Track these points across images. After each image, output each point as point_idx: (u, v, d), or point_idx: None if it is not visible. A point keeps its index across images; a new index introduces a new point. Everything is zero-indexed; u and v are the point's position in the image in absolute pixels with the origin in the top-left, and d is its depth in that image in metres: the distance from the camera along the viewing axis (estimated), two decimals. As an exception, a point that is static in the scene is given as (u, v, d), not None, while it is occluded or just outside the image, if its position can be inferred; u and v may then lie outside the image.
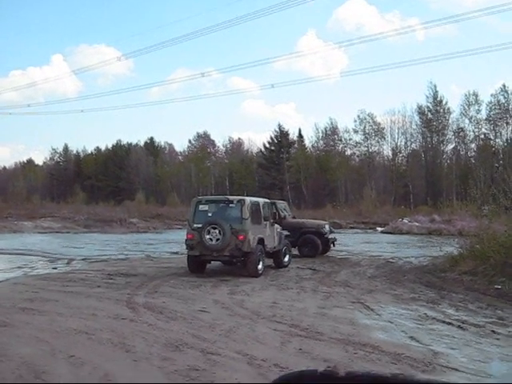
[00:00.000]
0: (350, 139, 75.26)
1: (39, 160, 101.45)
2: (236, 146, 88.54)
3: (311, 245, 20.93)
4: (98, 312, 9.94)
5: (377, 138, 73.71)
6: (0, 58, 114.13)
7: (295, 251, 20.11)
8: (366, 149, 74.72)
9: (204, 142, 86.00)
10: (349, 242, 28.88)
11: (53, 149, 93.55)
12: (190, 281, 14.13)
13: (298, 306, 10.99)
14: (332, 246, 22.34)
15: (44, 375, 6.30)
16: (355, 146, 75.60)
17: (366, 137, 73.82)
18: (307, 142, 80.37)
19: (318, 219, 26.07)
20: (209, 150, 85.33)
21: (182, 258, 17.80)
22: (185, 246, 15.65)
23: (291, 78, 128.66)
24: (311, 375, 1.12)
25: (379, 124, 72.73)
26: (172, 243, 27.31)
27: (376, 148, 74.94)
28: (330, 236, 22.02)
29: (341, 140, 76.69)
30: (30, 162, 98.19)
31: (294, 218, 22.69)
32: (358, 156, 76.91)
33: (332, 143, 77.81)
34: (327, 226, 22.15)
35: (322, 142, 79.28)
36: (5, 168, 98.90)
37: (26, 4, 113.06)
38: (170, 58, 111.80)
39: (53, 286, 13.28)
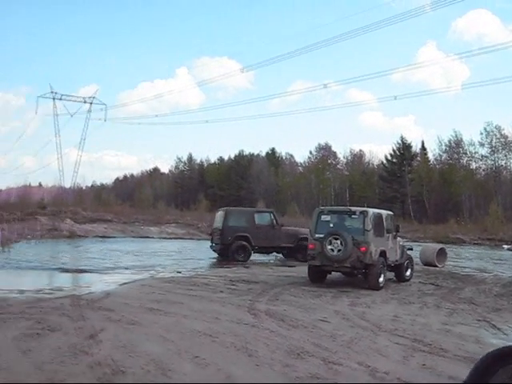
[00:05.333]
0: (476, 152, 72.42)
1: (164, 168, 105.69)
2: (357, 158, 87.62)
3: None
4: (221, 316, 10.19)
5: (504, 152, 70.33)
6: (130, 71, 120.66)
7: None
8: (492, 163, 71.53)
9: (325, 153, 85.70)
10: (473, 259, 27.84)
11: (178, 158, 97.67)
12: (310, 290, 14.15)
13: (421, 320, 10.71)
14: None
15: (170, 373, 6.55)
16: (481, 160, 72.66)
17: (492, 150, 70.65)
18: (430, 155, 78.25)
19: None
20: (329, 161, 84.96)
21: (303, 267, 17.83)
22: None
23: (409, 90, 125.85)
24: None
25: (507, 137, 69.40)
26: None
27: (503, 162, 71.57)
28: None
29: (465, 153, 73.93)
30: (156, 170, 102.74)
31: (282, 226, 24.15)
32: (483, 170, 73.83)
33: (456, 156, 75.12)
34: None
35: (445, 155, 76.78)
36: (132, 176, 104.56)
37: (154, 20, 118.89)
38: (288, 69, 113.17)
39: (177, 289, 13.76)
